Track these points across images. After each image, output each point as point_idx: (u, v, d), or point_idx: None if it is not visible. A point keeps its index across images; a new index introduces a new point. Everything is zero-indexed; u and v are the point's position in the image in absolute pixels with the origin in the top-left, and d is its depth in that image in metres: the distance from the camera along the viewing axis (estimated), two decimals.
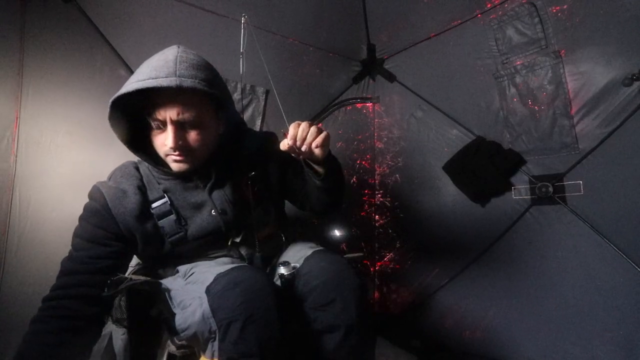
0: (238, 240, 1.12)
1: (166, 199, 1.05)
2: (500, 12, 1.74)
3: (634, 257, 1.50)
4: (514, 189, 1.80)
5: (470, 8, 1.82)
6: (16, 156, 1.44)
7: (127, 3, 1.63)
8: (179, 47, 0.97)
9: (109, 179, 1.08)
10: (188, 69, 0.92)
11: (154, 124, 0.96)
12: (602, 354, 1.55)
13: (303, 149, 0.92)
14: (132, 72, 1.69)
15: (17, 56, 1.44)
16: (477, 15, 1.82)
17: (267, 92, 1.94)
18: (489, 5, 1.77)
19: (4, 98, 1.42)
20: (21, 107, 1.45)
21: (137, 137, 1.03)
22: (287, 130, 0.93)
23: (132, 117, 1.00)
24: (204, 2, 1.69)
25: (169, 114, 0.93)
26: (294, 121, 0.97)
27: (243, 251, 1.14)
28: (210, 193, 1.08)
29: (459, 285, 2.00)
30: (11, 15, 1.43)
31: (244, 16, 0.94)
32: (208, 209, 1.08)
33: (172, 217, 1.05)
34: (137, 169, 1.10)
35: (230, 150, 1.10)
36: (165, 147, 0.97)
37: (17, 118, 1.44)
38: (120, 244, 1.02)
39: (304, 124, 0.91)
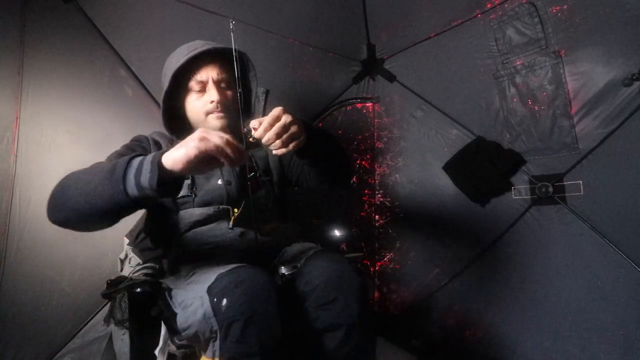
0: (238, 213, 1.15)
1: None
2: (500, 12, 1.74)
3: (634, 257, 1.50)
4: (514, 189, 1.81)
5: (470, 8, 1.82)
6: (16, 156, 1.44)
7: (127, 3, 1.63)
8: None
9: (150, 134, 1.22)
10: (213, 41, 1.14)
11: (197, 86, 1.12)
12: (601, 354, 1.55)
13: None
14: (132, 72, 1.70)
15: (17, 56, 1.44)
16: (477, 15, 1.82)
17: (267, 92, 1.94)
18: (489, 5, 1.77)
19: (4, 98, 1.42)
20: (21, 107, 1.45)
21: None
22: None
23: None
24: (205, 2, 1.69)
25: (211, 74, 1.12)
26: None
27: (244, 244, 1.14)
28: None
29: (459, 285, 2.00)
30: (11, 15, 1.43)
31: (232, 22, 0.99)
32: (216, 178, 1.17)
33: (188, 181, 1.14)
34: (171, 138, 1.23)
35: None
36: (207, 105, 1.13)
37: (17, 118, 1.44)
38: None
39: (265, 123, 0.93)
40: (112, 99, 1.67)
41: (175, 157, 0.80)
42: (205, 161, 0.81)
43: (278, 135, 0.92)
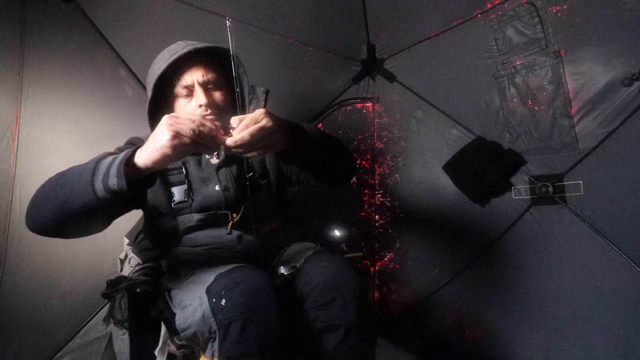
0: (237, 218, 1.13)
1: (183, 169, 1.13)
2: (500, 12, 1.73)
3: (634, 257, 1.49)
4: (514, 189, 1.80)
5: (470, 8, 1.82)
6: (16, 156, 1.44)
7: (127, 3, 1.63)
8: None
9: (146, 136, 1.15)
10: (197, 41, 1.08)
11: (183, 91, 1.06)
12: (602, 354, 1.55)
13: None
14: (132, 72, 1.70)
15: (17, 56, 1.44)
16: (477, 15, 1.81)
17: (267, 92, 1.94)
18: (489, 5, 1.77)
19: (4, 98, 1.43)
20: (21, 107, 1.45)
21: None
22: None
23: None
24: (205, 2, 1.69)
25: (196, 77, 1.05)
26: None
27: (242, 246, 1.14)
28: (217, 170, 1.16)
29: (459, 285, 2.00)
30: (11, 15, 1.43)
31: (228, 19, 0.96)
32: (213, 184, 1.14)
33: (184, 186, 1.12)
34: None
35: None
36: (197, 110, 1.06)
37: (17, 118, 1.44)
38: None
39: (241, 125, 0.83)
40: (112, 98, 1.67)
41: (151, 157, 0.78)
42: (182, 154, 0.80)
43: (252, 137, 0.81)
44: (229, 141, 0.82)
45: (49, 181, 0.88)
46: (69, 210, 0.82)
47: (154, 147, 0.78)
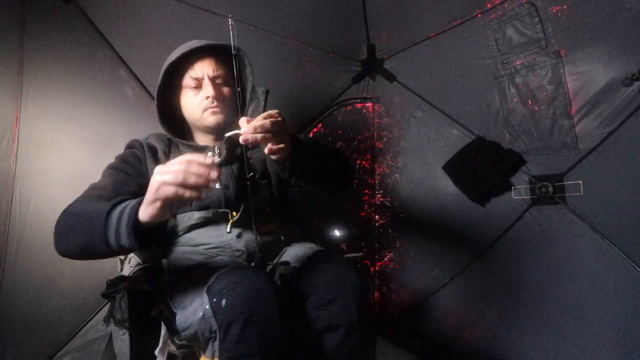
0: (236, 217, 1.14)
1: None
2: (500, 12, 1.74)
3: (634, 257, 1.50)
4: (514, 189, 1.81)
5: (470, 8, 1.82)
6: (16, 156, 1.44)
7: (127, 3, 1.63)
8: None
9: (146, 138, 1.21)
10: (211, 40, 1.13)
11: (192, 83, 1.12)
12: (602, 354, 1.55)
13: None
14: (132, 72, 1.70)
15: (17, 56, 1.45)
16: (477, 15, 1.81)
17: (267, 92, 1.94)
18: (489, 5, 1.77)
19: (4, 98, 1.43)
20: (21, 107, 1.45)
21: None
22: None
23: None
24: (204, 2, 1.69)
25: (206, 70, 1.11)
26: (293, 121, 0.98)
27: (242, 245, 1.14)
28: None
29: (459, 285, 2.00)
30: (11, 15, 1.43)
31: (231, 17, 0.98)
32: (213, 182, 1.12)
33: None
34: (169, 138, 1.21)
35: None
36: (204, 102, 1.12)
37: (17, 118, 1.44)
38: (142, 181, 1.08)
39: (259, 117, 0.89)
40: (112, 99, 1.67)
41: (150, 213, 0.77)
42: (180, 202, 0.80)
43: (272, 123, 0.87)
44: (249, 128, 0.86)
45: (66, 220, 0.91)
46: (91, 253, 0.89)
47: (149, 199, 0.77)
